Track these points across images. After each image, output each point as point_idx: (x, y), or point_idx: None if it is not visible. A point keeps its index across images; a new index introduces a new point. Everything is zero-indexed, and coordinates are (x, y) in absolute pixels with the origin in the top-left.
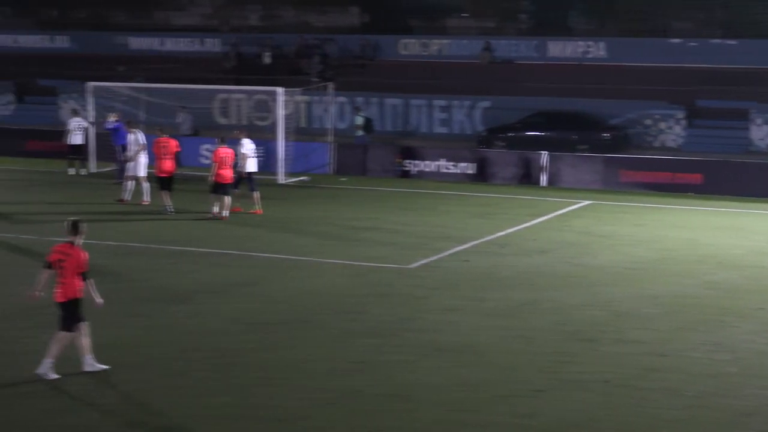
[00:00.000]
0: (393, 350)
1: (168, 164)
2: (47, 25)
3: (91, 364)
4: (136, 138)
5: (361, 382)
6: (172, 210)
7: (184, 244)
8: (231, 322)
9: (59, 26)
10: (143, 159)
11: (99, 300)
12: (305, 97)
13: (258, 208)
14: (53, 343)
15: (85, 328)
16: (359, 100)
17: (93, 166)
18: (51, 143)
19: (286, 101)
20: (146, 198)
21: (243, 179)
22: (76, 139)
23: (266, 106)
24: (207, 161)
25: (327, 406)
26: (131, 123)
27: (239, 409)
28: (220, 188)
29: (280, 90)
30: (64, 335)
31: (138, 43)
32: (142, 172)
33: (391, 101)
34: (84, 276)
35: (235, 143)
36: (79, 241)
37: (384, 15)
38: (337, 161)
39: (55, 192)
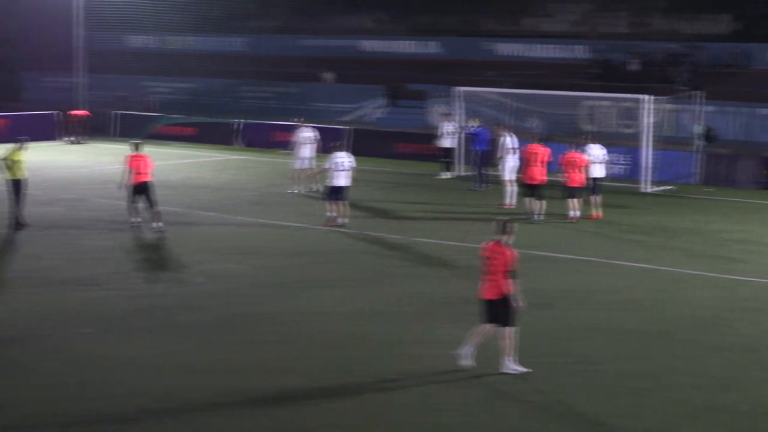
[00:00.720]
0: (760, 367)
1: (537, 172)
2: (419, 31)
3: (511, 366)
4: (504, 141)
5: (725, 399)
6: (541, 218)
7: (545, 249)
8: (587, 329)
9: (431, 32)
10: (511, 162)
11: (520, 303)
12: (672, 106)
13: (596, 213)
14: (475, 334)
15: (510, 331)
16: (708, 109)
17: (459, 169)
18: (419, 146)
19: (652, 109)
20: (509, 201)
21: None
22: (446, 142)
23: (632, 114)
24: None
25: (690, 420)
26: (501, 126)
27: (606, 417)
28: (572, 192)
29: (647, 98)
30: (488, 328)
31: (506, 49)
32: (508, 175)
33: (763, 111)
34: (511, 275)
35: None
36: (508, 240)
37: (757, 22)
38: (704, 171)
39: (423, 193)
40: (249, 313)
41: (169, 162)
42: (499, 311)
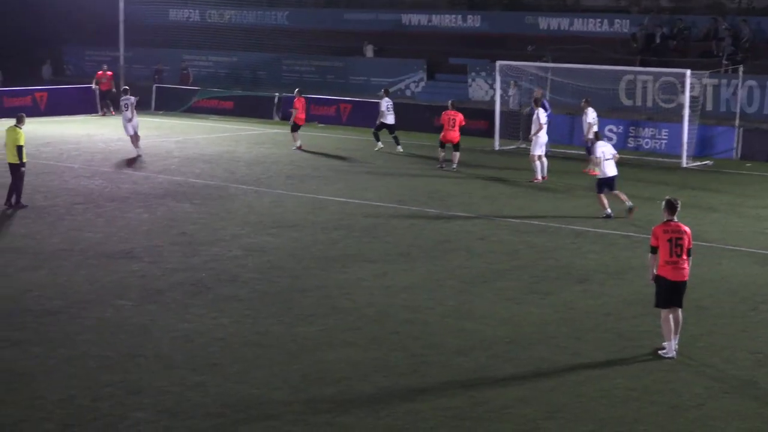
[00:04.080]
0: None
1: None
2: (460, 4)
3: (674, 349)
4: (537, 117)
5: (761, 374)
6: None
7: (586, 224)
8: (626, 304)
9: (472, 6)
10: (543, 138)
11: None
12: (713, 80)
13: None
14: (667, 324)
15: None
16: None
17: (496, 144)
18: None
19: (693, 84)
20: (539, 175)
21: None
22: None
23: (673, 89)
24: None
25: (722, 396)
26: (536, 101)
27: (635, 392)
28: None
29: (687, 72)
30: (676, 312)
31: (548, 23)
32: (539, 150)
33: None
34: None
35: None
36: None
37: None
38: (743, 146)
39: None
40: (287, 286)
41: (206, 135)
42: (682, 292)
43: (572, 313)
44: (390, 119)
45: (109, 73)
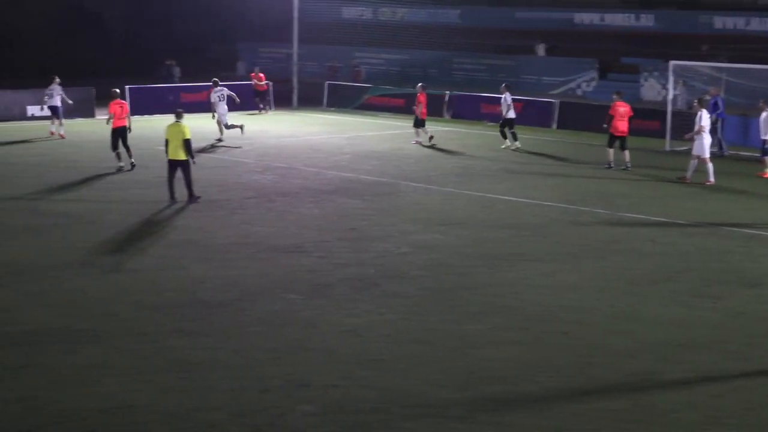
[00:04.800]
0: None
1: None
2: (633, 4)
3: None
4: (700, 116)
5: None
6: None
7: (759, 228)
8: None
9: (645, 5)
10: (707, 139)
11: None
12: None
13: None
14: None
15: None
16: None
17: (667, 144)
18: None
19: None
20: (711, 178)
21: None
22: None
23: None
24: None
25: None
26: (701, 102)
27: None
28: None
29: None
30: None
31: (723, 22)
32: (707, 152)
33: None
34: None
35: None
36: None
37: None
38: None
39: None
40: (455, 283)
41: (377, 133)
42: None
43: (743, 318)
44: (511, 114)
45: (261, 75)
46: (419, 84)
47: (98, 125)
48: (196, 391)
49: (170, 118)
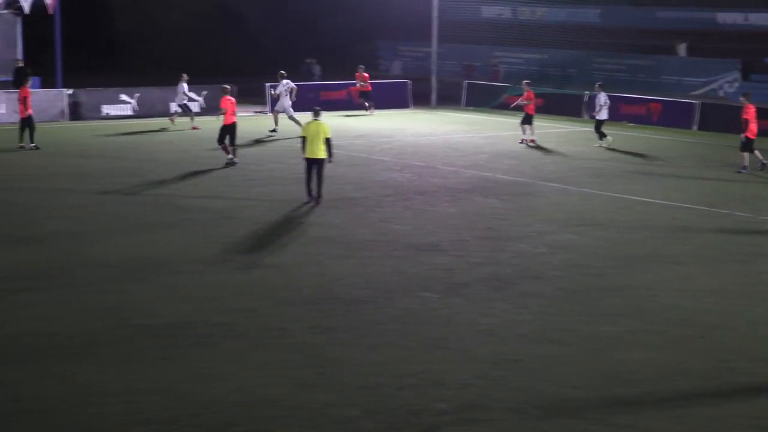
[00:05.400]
0: None
1: None
2: None
3: None
4: None
5: None
6: None
7: None
8: None
9: None
10: None
11: None
12: None
13: None
14: None
15: None
16: None
17: None
18: None
19: None
20: None
21: None
22: None
23: None
24: None
25: None
26: None
27: None
28: None
29: None
30: None
31: None
32: None
33: None
34: None
35: None
36: None
37: None
38: None
39: None
40: (591, 284)
41: (515, 132)
42: None
43: None
44: (603, 114)
45: (366, 75)
46: (525, 81)
47: (240, 122)
48: (332, 386)
49: (308, 116)
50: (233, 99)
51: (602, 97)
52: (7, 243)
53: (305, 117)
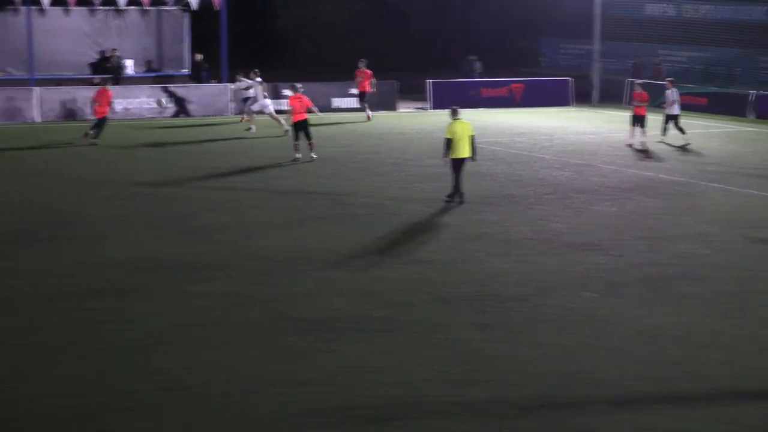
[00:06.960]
0: None
1: None
2: None
3: None
4: None
5: None
6: None
7: None
8: None
9: None
10: None
11: None
12: None
13: None
14: None
15: None
16: None
17: None
18: None
19: None
20: None
21: None
22: None
23: None
24: None
25: None
26: None
27: None
28: None
29: None
30: None
31: None
32: None
33: None
34: None
35: None
36: None
37: None
38: None
39: None
40: (752, 288)
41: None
42: None
43: None
44: (675, 109)
45: (367, 71)
46: (638, 82)
47: (402, 118)
48: (487, 384)
49: (470, 112)
50: (304, 97)
51: (674, 93)
52: (171, 235)
53: (467, 113)
